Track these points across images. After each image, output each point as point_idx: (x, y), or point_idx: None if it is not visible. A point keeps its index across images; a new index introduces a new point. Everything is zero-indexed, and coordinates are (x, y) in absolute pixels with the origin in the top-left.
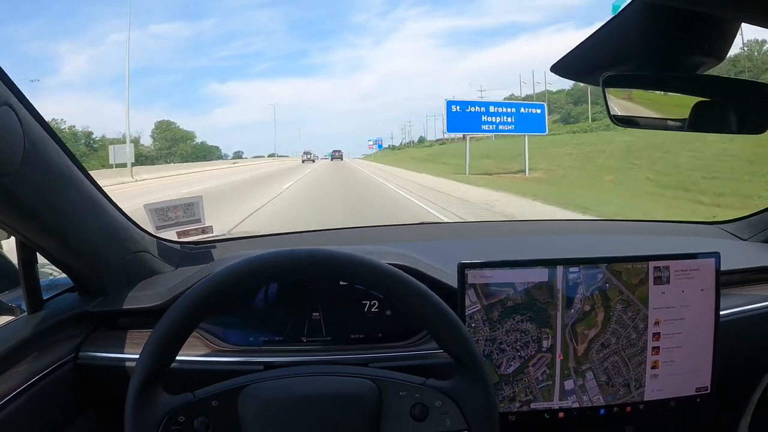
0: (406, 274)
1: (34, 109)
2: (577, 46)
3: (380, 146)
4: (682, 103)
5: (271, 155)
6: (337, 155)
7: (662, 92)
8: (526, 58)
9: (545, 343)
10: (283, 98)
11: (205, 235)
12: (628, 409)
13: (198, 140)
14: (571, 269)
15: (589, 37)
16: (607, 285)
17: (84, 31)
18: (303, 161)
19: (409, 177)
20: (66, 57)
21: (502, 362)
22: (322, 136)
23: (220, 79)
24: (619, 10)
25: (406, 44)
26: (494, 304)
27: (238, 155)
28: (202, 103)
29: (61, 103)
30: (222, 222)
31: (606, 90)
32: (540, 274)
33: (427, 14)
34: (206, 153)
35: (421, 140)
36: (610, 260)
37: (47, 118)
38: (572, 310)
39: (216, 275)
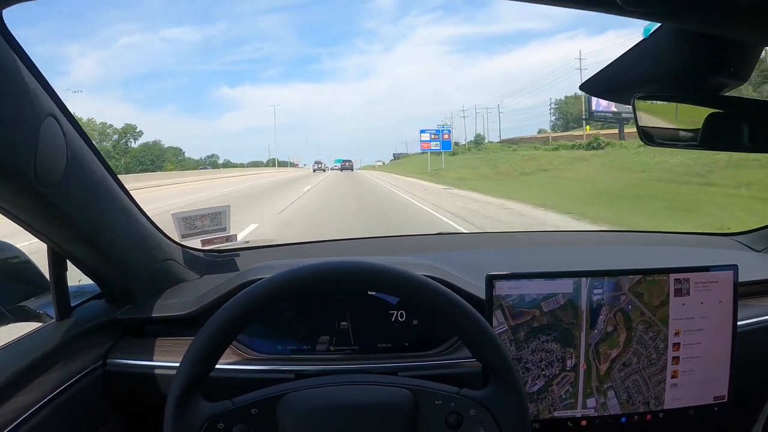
0: (443, 286)
1: (75, 120)
2: (607, 66)
3: (447, 144)
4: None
5: (270, 162)
6: (347, 165)
7: (690, 112)
8: (537, 64)
9: (569, 363)
10: (292, 103)
11: (229, 244)
12: (649, 417)
13: (150, 139)
14: (596, 284)
15: (620, 57)
16: (630, 306)
17: (94, 34)
18: (314, 170)
19: None
20: (76, 59)
21: (528, 381)
22: (330, 142)
23: (230, 84)
24: (650, 33)
25: (416, 50)
26: (521, 324)
27: (212, 161)
28: (212, 107)
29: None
30: None
31: (636, 109)
32: (566, 286)
33: (437, 21)
34: (156, 158)
35: (479, 140)
36: (633, 272)
37: None
38: (596, 331)
39: (267, 281)
